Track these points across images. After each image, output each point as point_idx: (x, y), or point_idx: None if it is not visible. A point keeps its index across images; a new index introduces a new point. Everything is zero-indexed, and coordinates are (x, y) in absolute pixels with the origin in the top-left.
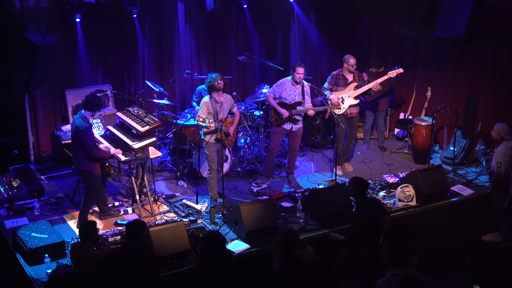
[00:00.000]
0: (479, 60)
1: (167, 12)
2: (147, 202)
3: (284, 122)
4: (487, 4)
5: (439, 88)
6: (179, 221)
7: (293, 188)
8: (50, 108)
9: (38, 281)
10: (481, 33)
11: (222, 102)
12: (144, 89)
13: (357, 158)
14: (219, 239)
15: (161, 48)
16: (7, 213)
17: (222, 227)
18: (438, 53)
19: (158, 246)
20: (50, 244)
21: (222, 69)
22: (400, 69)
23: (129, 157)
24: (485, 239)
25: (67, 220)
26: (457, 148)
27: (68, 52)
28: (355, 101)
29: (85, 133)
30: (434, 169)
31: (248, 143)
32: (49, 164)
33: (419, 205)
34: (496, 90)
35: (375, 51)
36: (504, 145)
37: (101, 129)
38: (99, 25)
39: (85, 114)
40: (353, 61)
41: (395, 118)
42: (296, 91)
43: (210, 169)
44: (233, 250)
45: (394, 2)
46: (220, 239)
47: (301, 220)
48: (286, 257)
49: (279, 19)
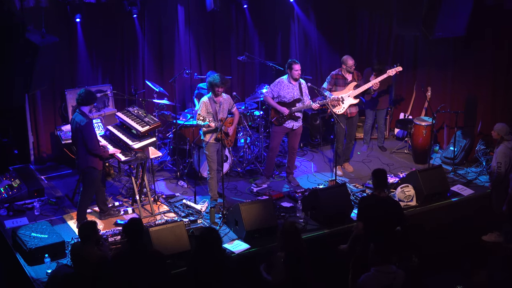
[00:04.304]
0: (479, 60)
1: (167, 12)
2: (147, 202)
3: (285, 120)
4: (487, 4)
5: (439, 88)
6: (179, 221)
7: (293, 188)
8: (50, 108)
9: (38, 281)
10: (481, 33)
11: (221, 102)
12: (144, 89)
13: (357, 158)
14: (214, 238)
15: (161, 48)
16: (7, 213)
17: (222, 227)
18: (438, 53)
19: (158, 246)
20: (50, 244)
21: (222, 69)
22: (399, 67)
23: (129, 157)
24: (485, 239)
25: (67, 220)
26: (457, 148)
27: (68, 52)
28: (355, 100)
29: (87, 127)
30: (434, 169)
31: (248, 143)
32: (49, 164)
33: (419, 205)
34: (496, 90)
35: (375, 51)
36: (504, 145)
37: (101, 129)
38: (99, 25)
39: (83, 110)
40: (351, 62)
41: (395, 118)
42: (294, 89)
43: (210, 169)
44: (233, 250)
45: (394, 2)
46: (215, 238)
47: (301, 220)
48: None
49: (279, 19)
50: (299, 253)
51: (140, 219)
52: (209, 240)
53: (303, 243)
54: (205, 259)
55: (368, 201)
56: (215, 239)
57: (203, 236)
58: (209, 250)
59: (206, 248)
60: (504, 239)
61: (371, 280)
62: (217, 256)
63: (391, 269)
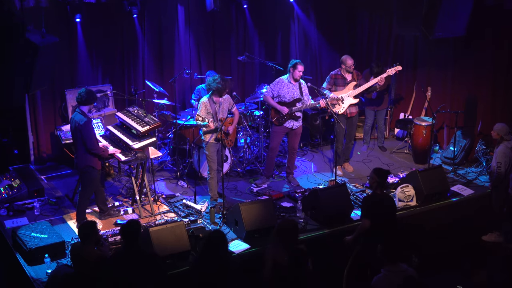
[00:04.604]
0: (479, 60)
1: (167, 12)
2: (147, 202)
3: (285, 120)
4: (487, 4)
5: (439, 88)
6: (179, 221)
7: (293, 188)
8: (50, 108)
9: (38, 281)
10: (481, 33)
11: (221, 102)
12: (144, 89)
13: (357, 158)
14: (221, 240)
15: (161, 48)
16: (7, 213)
17: (222, 227)
18: (438, 53)
19: (158, 246)
20: (50, 244)
21: (222, 69)
22: (399, 67)
23: (129, 157)
24: (485, 239)
25: (67, 220)
26: (457, 148)
27: (68, 52)
28: (355, 100)
29: (86, 127)
30: (434, 169)
31: (248, 143)
32: (49, 164)
33: (419, 205)
34: (496, 90)
35: (375, 51)
36: (504, 145)
37: (101, 129)
38: (99, 25)
39: (83, 109)
40: (350, 62)
41: (395, 118)
42: (294, 89)
43: (210, 169)
44: (233, 250)
45: (394, 2)
46: (222, 240)
47: (301, 220)
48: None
49: (279, 19)
50: (298, 253)
51: (138, 222)
52: (215, 241)
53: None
54: (210, 261)
55: (374, 199)
56: (221, 241)
57: (211, 237)
58: (215, 251)
59: (213, 249)
60: (504, 239)
61: (382, 281)
62: (223, 257)
63: (401, 268)
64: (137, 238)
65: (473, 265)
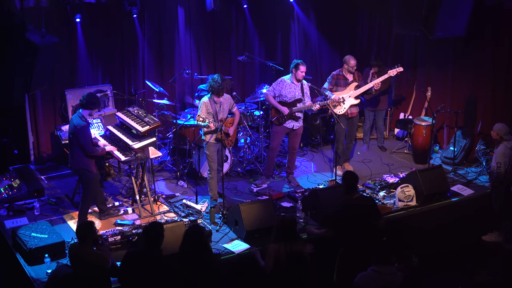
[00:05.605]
0: (479, 60)
1: (167, 12)
2: (147, 202)
3: (285, 120)
4: (487, 4)
5: (439, 88)
6: (179, 221)
7: (293, 188)
8: (50, 108)
9: (38, 281)
10: (481, 33)
11: (222, 102)
12: (144, 89)
13: (357, 158)
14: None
15: (161, 48)
16: (7, 213)
17: (222, 227)
18: (438, 53)
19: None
20: (50, 244)
21: (222, 69)
22: (400, 68)
23: (129, 157)
24: (485, 239)
25: (67, 220)
26: (457, 148)
27: (68, 52)
28: (356, 100)
29: (83, 132)
30: (434, 169)
31: (248, 143)
32: (49, 164)
33: (419, 205)
34: (496, 90)
35: (375, 51)
36: (504, 145)
37: (101, 129)
38: (99, 25)
39: (83, 113)
40: (353, 62)
41: (395, 118)
42: (296, 89)
43: (210, 169)
44: (233, 250)
45: (394, 2)
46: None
47: (301, 220)
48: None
49: (279, 19)
50: (298, 252)
51: (161, 224)
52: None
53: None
54: (193, 258)
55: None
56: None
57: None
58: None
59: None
60: (504, 239)
61: (367, 280)
62: (205, 255)
63: (389, 270)
64: (161, 243)
65: (473, 265)
